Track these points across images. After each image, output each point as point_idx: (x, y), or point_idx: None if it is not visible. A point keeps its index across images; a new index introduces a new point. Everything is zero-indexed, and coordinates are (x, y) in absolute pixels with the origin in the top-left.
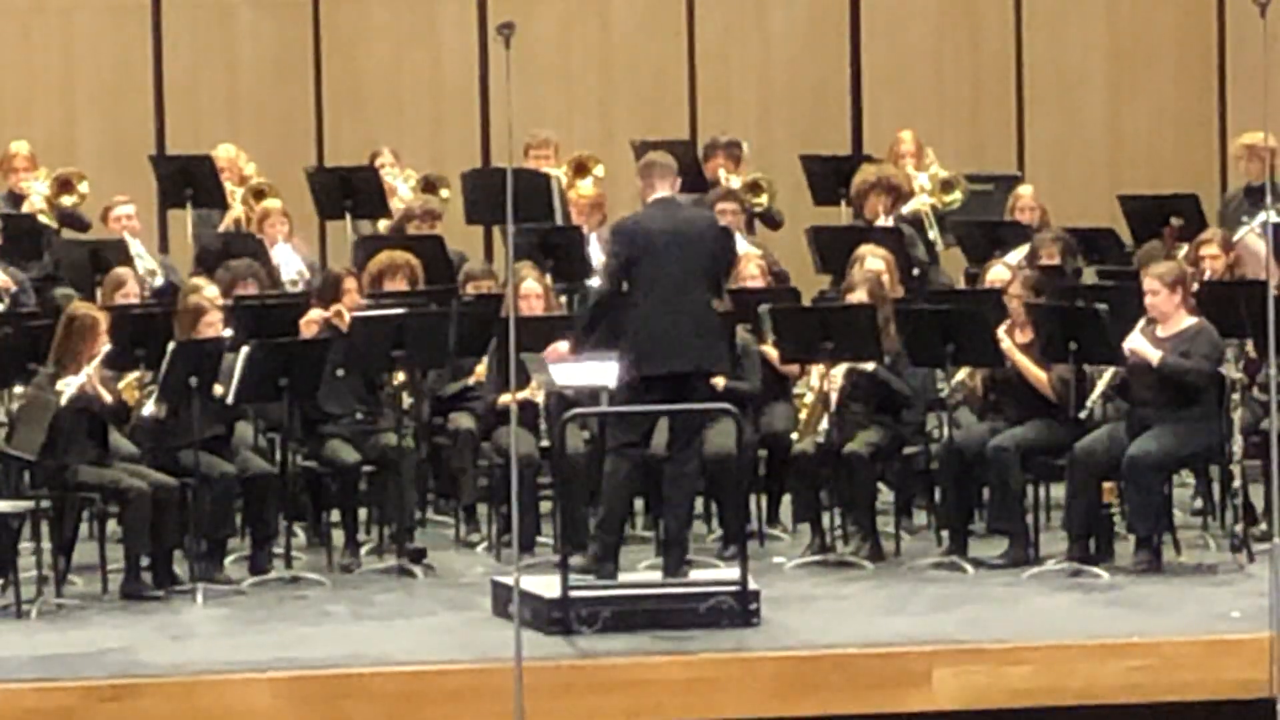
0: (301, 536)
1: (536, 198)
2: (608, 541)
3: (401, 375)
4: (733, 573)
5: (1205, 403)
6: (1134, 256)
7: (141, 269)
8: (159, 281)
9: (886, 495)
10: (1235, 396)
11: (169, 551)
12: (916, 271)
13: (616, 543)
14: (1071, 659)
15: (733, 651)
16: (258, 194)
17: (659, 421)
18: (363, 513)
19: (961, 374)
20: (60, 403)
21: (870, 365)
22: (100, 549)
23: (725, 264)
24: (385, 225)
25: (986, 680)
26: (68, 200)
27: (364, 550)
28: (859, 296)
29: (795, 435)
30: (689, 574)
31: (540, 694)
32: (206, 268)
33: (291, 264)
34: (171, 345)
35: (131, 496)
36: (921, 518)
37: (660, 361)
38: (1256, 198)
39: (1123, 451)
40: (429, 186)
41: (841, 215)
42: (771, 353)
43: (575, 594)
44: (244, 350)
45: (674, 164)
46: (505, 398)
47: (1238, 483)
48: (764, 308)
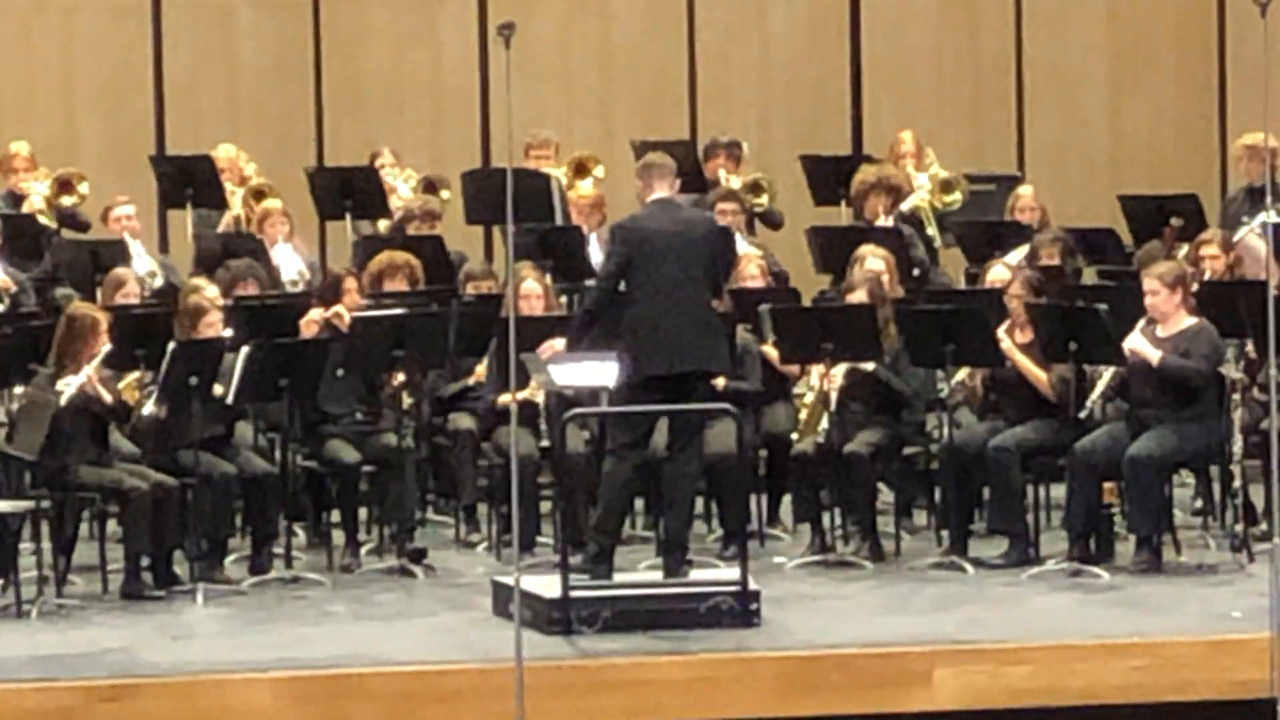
0: (302, 536)
1: (537, 198)
2: (604, 542)
3: (401, 375)
4: (733, 573)
5: (1205, 403)
6: (1134, 257)
7: (141, 269)
8: (159, 282)
9: (887, 495)
10: (1235, 396)
11: (169, 551)
12: (917, 272)
13: (613, 543)
14: (1072, 659)
15: (733, 651)
16: (258, 194)
17: (659, 422)
18: (363, 513)
19: (961, 374)
20: (60, 403)
21: (870, 365)
22: (100, 549)
23: (725, 264)
24: (385, 225)
25: (987, 680)
26: (68, 200)
27: (364, 550)
28: (859, 297)
29: (795, 435)
30: (689, 574)
31: (540, 694)
32: (206, 268)
33: (291, 264)
34: (172, 345)
35: (132, 496)
36: (922, 518)
37: (661, 362)
38: (1258, 198)
39: (1123, 451)
40: (430, 187)
41: (842, 215)
42: (772, 353)
43: (575, 594)
44: (244, 350)
45: (673, 165)
46: (505, 398)
47: (1238, 483)
48: (764, 308)
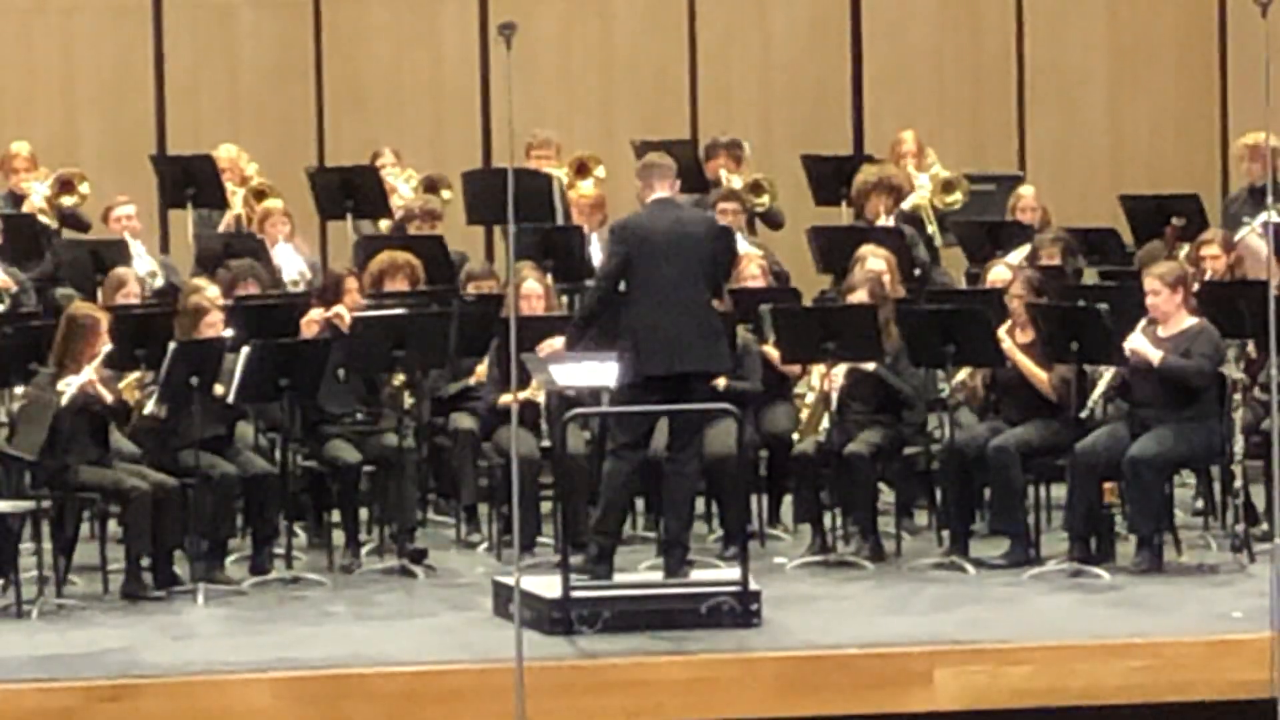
0: (302, 537)
1: (537, 198)
2: (605, 542)
3: (402, 375)
4: (733, 573)
5: (1206, 403)
6: (1135, 257)
7: (142, 269)
8: (159, 282)
9: (887, 495)
10: (1236, 397)
11: (170, 552)
12: (918, 272)
13: (614, 544)
14: (1072, 659)
15: (733, 652)
16: (259, 194)
17: (659, 422)
18: (363, 513)
19: (962, 374)
20: (61, 403)
21: (871, 365)
22: (101, 549)
23: (725, 264)
24: (386, 225)
25: (987, 680)
26: (68, 201)
27: (365, 550)
28: (860, 297)
29: (796, 435)
30: (690, 574)
31: (541, 694)
32: (207, 268)
33: (292, 264)
34: (172, 345)
35: (132, 497)
36: (922, 518)
37: (661, 362)
38: (1259, 198)
39: (1123, 452)
40: (431, 187)
41: (842, 215)
42: (772, 353)
43: (576, 594)
44: (245, 350)
45: (672, 165)
46: (506, 398)
47: (1239, 483)
48: (765, 308)
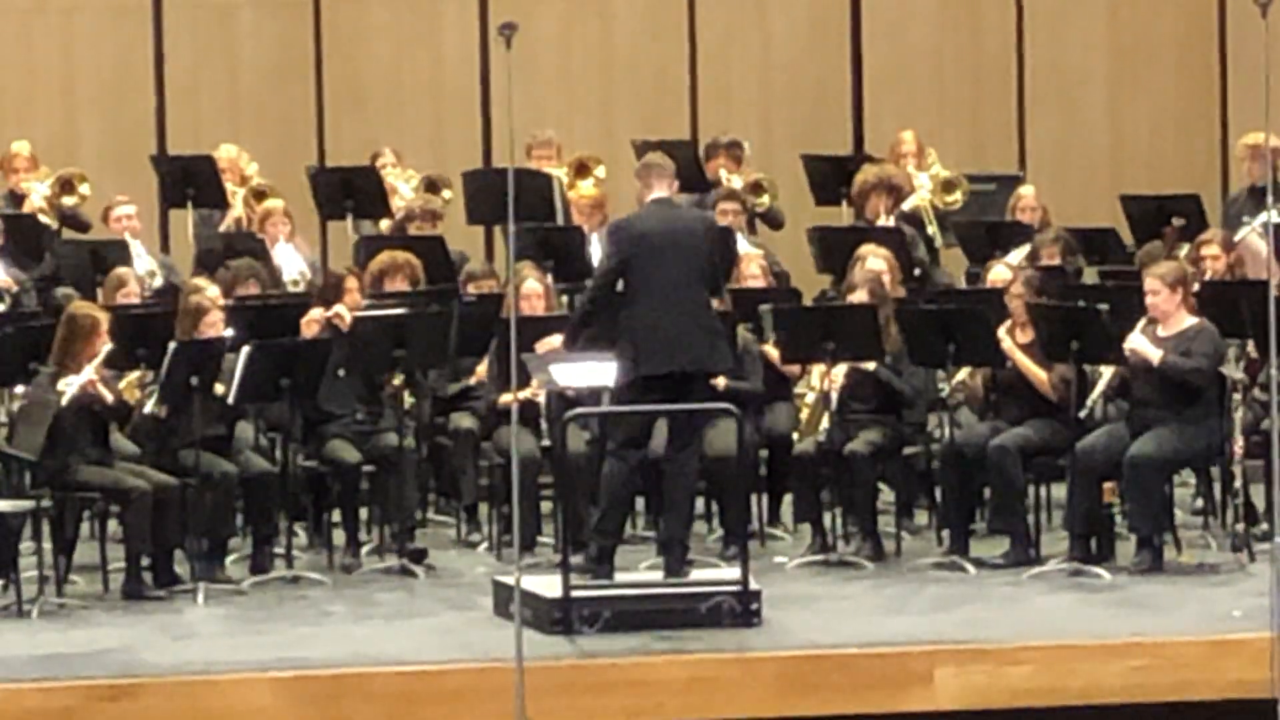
0: (302, 536)
1: (537, 198)
2: (605, 542)
3: (402, 375)
4: (734, 573)
5: (1206, 403)
6: (1135, 256)
7: (142, 269)
8: (158, 282)
9: (887, 495)
10: (1236, 396)
11: (170, 551)
12: (918, 272)
13: (614, 543)
14: (1072, 659)
15: (734, 651)
16: (259, 194)
17: (659, 421)
18: (364, 513)
19: (962, 374)
20: (61, 403)
21: (871, 365)
22: (101, 549)
23: (725, 263)
24: (386, 225)
25: (988, 680)
26: (69, 201)
27: (365, 550)
28: (860, 296)
29: (796, 435)
30: (690, 574)
31: (541, 694)
32: (208, 268)
33: (293, 264)
34: (172, 345)
35: (133, 496)
36: (923, 518)
37: (661, 361)
38: (1260, 198)
39: (1123, 451)
40: (431, 187)
41: (843, 215)
42: (773, 353)
43: (576, 594)
44: (245, 350)
45: (671, 165)
46: (506, 397)
47: (1239, 483)
48: (765, 308)
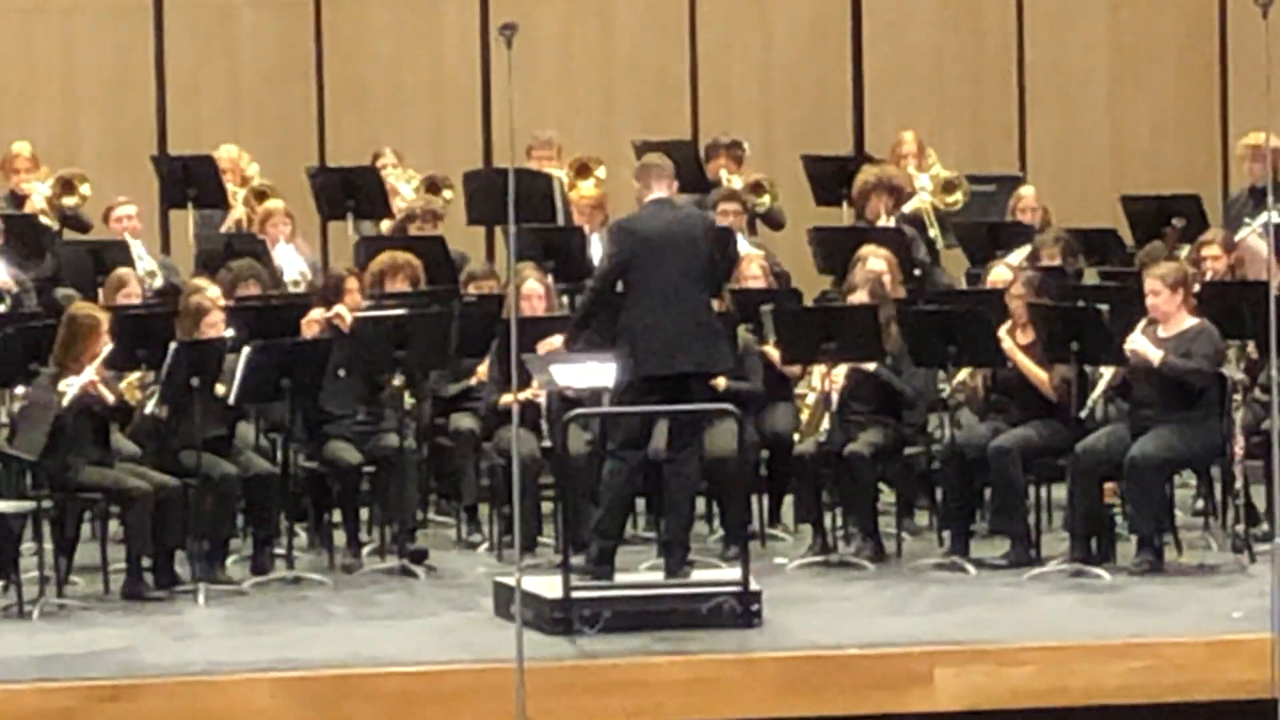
0: (303, 537)
1: (538, 198)
2: (606, 543)
3: (403, 375)
4: (734, 573)
5: (1206, 403)
6: (1135, 257)
7: (141, 270)
8: (159, 282)
9: (888, 496)
10: (1236, 397)
11: (170, 552)
12: (918, 272)
13: (615, 544)
14: (1073, 659)
15: (734, 652)
16: (260, 195)
17: (659, 422)
18: (364, 513)
19: (963, 374)
20: (62, 403)
21: (872, 366)
22: (102, 549)
23: (725, 264)
24: (387, 226)
25: (988, 681)
26: (69, 201)
27: (365, 551)
28: (860, 297)
29: (797, 436)
30: (690, 574)
31: (541, 694)
32: (208, 268)
33: (293, 264)
34: (173, 346)
35: (133, 497)
36: (923, 518)
37: (661, 362)
38: (1260, 199)
39: (1124, 452)
40: (432, 187)
41: (843, 216)
42: (773, 353)
43: (577, 594)
44: (246, 351)
45: (670, 166)
46: (507, 398)
47: (1239, 483)
48: (766, 308)
